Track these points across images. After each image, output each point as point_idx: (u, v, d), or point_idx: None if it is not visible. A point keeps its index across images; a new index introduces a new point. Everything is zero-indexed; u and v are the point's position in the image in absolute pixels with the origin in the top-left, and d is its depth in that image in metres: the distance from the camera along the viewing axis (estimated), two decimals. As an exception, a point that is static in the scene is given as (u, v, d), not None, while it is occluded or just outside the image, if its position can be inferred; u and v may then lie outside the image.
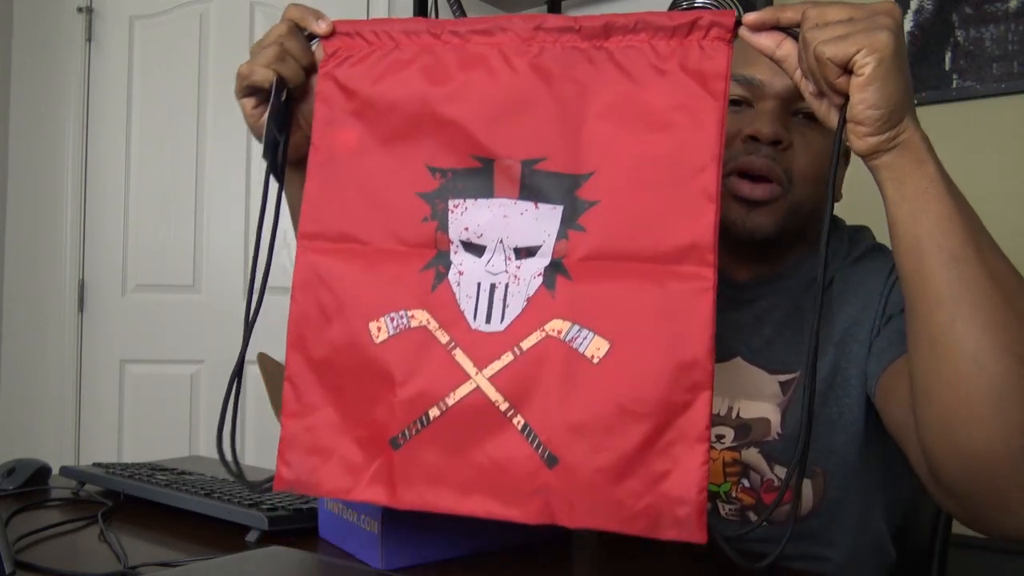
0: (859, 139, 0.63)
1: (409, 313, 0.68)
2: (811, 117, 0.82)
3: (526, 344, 0.65)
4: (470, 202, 0.69)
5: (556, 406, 0.63)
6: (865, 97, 0.61)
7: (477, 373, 0.66)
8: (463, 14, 2.34)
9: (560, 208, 0.66)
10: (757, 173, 0.86)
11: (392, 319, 0.69)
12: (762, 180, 0.87)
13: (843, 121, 0.63)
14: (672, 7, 0.76)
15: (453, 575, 0.79)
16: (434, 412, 0.66)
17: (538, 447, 0.63)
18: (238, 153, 2.54)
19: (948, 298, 0.62)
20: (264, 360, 1.12)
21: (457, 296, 0.68)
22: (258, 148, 0.79)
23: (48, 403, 2.55)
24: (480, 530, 0.84)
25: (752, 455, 0.90)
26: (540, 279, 0.66)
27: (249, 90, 0.78)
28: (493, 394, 0.65)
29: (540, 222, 0.67)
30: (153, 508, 1.02)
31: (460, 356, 0.66)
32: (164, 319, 2.54)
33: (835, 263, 0.91)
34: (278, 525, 0.89)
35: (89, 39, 2.57)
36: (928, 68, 1.88)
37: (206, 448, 2.50)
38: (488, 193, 0.68)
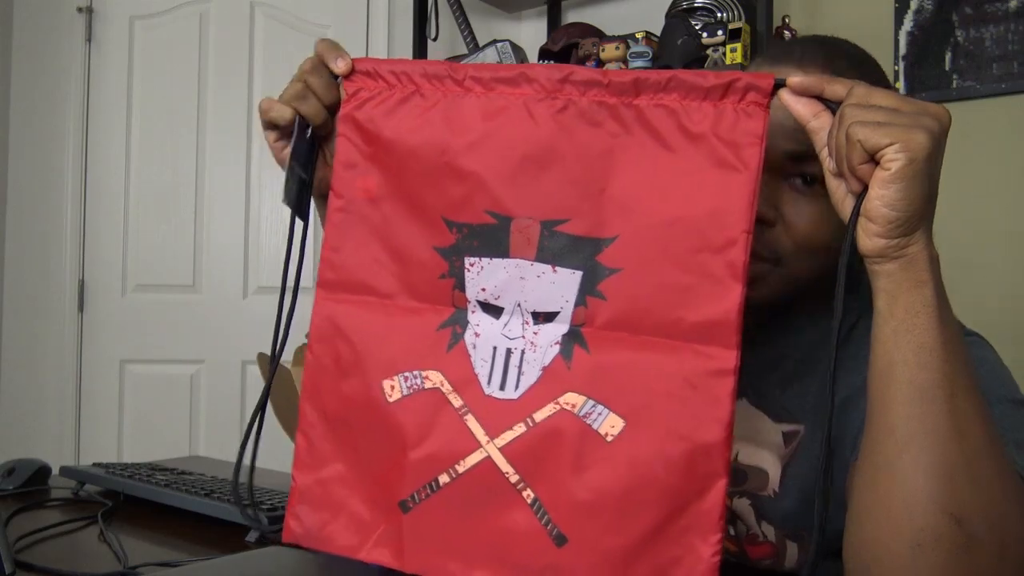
0: (867, 237, 0.60)
1: (423, 374, 0.66)
2: (807, 181, 0.77)
3: (539, 416, 0.63)
4: (485, 261, 0.66)
5: (567, 483, 0.61)
6: (885, 194, 0.57)
7: (488, 442, 0.64)
8: (463, 14, 2.35)
9: (580, 274, 0.63)
10: None
11: (406, 378, 0.67)
12: None
13: (857, 212, 0.60)
14: (671, 7, 0.75)
15: (453, 575, 0.79)
16: (444, 478, 0.64)
17: (547, 524, 0.61)
18: (238, 153, 2.54)
19: (903, 432, 0.59)
20: (264, 361, 1.12)
21: (472, 359, 0.66)
22: (258, 148, 0.79)
23: (48, 403, 2.55)
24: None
25: (743, 505, 0.86)
26: (557, 348, 0.64)
27: (270, 125, 0.76)
28: (504, 465, 0.63)
29: (558, 286, 0.64)
30: (153, 508, 1.02)
31: (472, 422, 0.65)
32: (164, 319, 2.54)
33: (852, 319, 0.86)
34: (278, 525, 0.89)
35: (89, 39, 2.57)
36: (928, 68, 1.88)
37: (206, 448, 2.50)
38: (503, 252, 0.65)
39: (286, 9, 2.57)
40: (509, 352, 0.65)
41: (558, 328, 0.64)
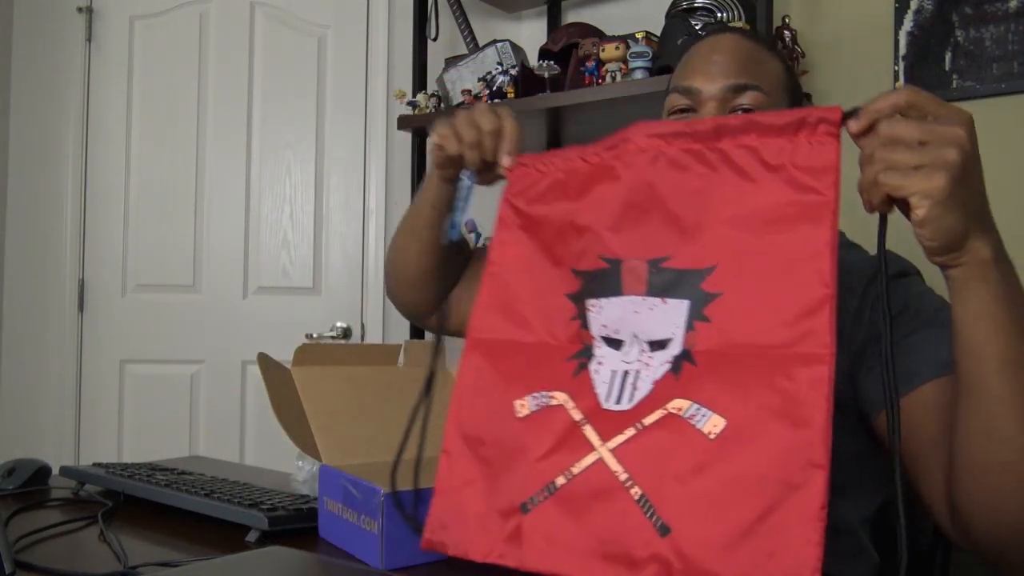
0: (926, 254, 0.66)
1: (550, 394, 0.74)
2: (749, 111, 0.93)
3: (648, 420, 0.68)
4: (604, 301, 0.75)
5: (671, 478, 0.65)
6: (921, 232, 0.64)
7: (602, 445, 0.69)
8: (463, 14, 2.35)
9: (687, 302, 0.70)
10: None
11: (535, 398, 0.75)
12: None
13: (883, 236, 0.66)
14: (672, 7, 0.78)
15: (453, 575, 0.79)
16: (560, 480, 0.70)
17: (652, 516, 0.65)
18: (238, 153, 2.54)
19: (1006, 398, 0.66)
20: (264, 360, 1.12)
21: (595, 382, 0.73)
22: (258, 148, 0.80)
23: (48, 403, 2.55)
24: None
25: None
26: (668, 366, 0.70)
27: (451, 163, 0.92)
28: (614, 465, 0.68)
29: (668, 315, 0.71)
30: (153, 508, 1.02)
31: (588, 431, 0.71)
32: (164, 319, 2.54)
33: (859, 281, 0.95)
34: (278, 525, 0.89)
35: (89, 39, 2.57)
36: (928, 68, 1.88)
37: (206, 448, 2.50)
38: (617, 291, 0.74)
39: (286, 9, 2.57)
40: (626, 373, 0.72)
41: (671, 352, 0.70)
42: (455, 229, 0.88)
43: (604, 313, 0.75)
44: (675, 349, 0.70)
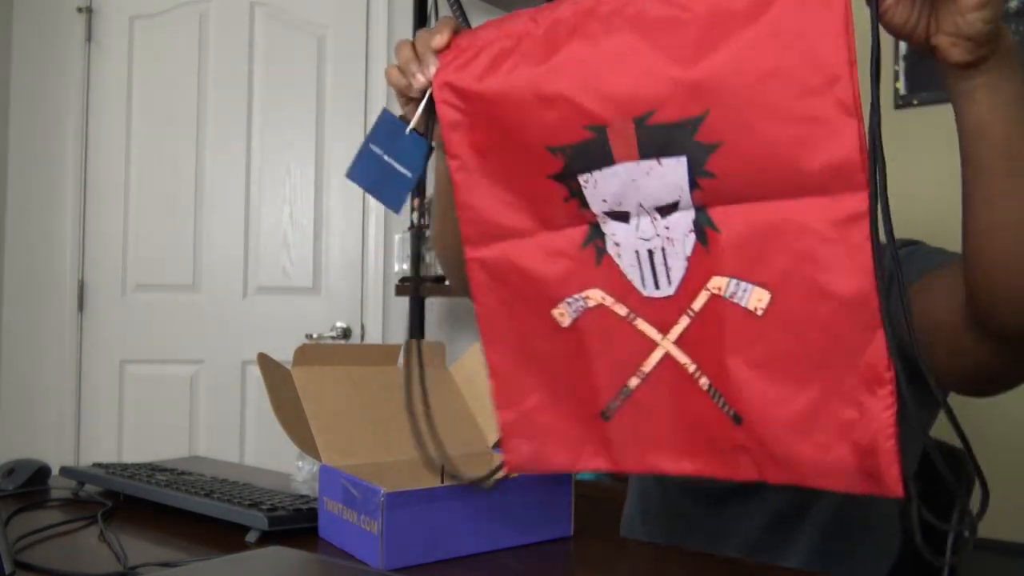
0: (967, 53, 0.59)
1: (584, 295, 0.70)
2: None
3: (696, 305, 0.65)
4: (597, 173, 0.67)
5: (731, 364, 0.63)
6: (982, 15, 0.57)
7: (663, 338, 0.67)
8: (463, 14, 2.35)
9: (684, 159, 0.63)
10: None
11: (570, 304, 0.71)
12: None
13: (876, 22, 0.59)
14: None
15: (453, 575, 0.79)
16: (634, 381, 0.68)
17: (723, 406, 0.63)
18: (238, 153, 2.54)
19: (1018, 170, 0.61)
20: (264, 360, 1.12)
21: (622, 267, 0.69)
22: (258, 148, 0.79)
23: (48, 403, 2.55)
24: (480, 531, 0.84)
25: None
26: (693, 236, 0.65)
27: (405, 94, 0.80)
28: (681, 357, 0.66)
29: (668, 177, 0.64)
30: (153, 508, 1.02)
31: (642, 325, 0.68)
32: (164, 319, 2.54)
33: None
34: (278, 525, 0.89)
35: (89, 39, 2.57)
36: (928, 68, 1.88)
37: (206, 448, 2.50)
38: (609, 161, 0.66)
39: (286, 9, 2.57)
40: (651, 252, 0.67)
41: (685, 216, 0.65)
42: (398, 190, 0.77)
43: (601, 187, 0.67)
44: (688, 212, 0.64)
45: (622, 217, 0.68)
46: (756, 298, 0.61)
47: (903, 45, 1.92)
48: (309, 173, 2.54)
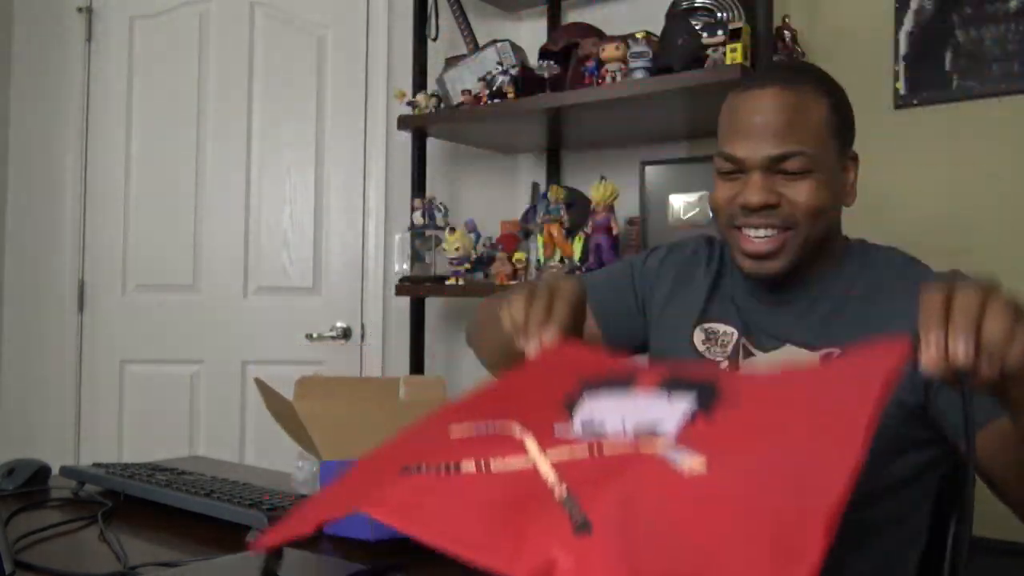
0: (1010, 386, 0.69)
1: (497, 422, 0.64)
2: (794, 175, 0.98)
3: (609, 451, 0.59)
4: (603, 393, 0.68)
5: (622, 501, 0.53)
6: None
7: (540, 454, 0.58)
8: (463, 14, 2.35)
9: (693, 395, 0.64)
10: (758, 226, 1.01)
11: (477, 426, 0.64)
12: (763, 232, 1.01)
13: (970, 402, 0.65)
14: (672, 7, 0.75)
15: (447, 559, 0.79)
16: (468, 466, 0.58)
17: (571, 510, 0.51)
18: (238, 153, 2.54)
19: None
20: (261, 386, 1.13)
21: (554, 428, 0.64)
22: (257, 148, 0.79)
23: (48, 403, 2.55)
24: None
25: None
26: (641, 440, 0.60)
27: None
28: (545, 469, 0.57)
29: (672, 407, 0.63)
30: (153, 508, 1.02)
31: (529, 442, 0.60)
32: (164, 319, 2.54)
33: (860, 274, 1.04)
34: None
35: (89, 39, 2.57)
36: (928, 68, 1.88)
37: (206, 448, 2.50)
38: (625, 391, 0.68)
39: (286, 9, 2.57)
40: (592, 420, 0.64)
41: (661, 441, 0.59)
42: None
43: (596, 404, 0.67)
44: (666, 438, 0.59)
45: (593, 424, 0.64)
46: (691, 465, 0.54)
47: (903, 44, 1.92)
48: (309, 173, 2.54)
